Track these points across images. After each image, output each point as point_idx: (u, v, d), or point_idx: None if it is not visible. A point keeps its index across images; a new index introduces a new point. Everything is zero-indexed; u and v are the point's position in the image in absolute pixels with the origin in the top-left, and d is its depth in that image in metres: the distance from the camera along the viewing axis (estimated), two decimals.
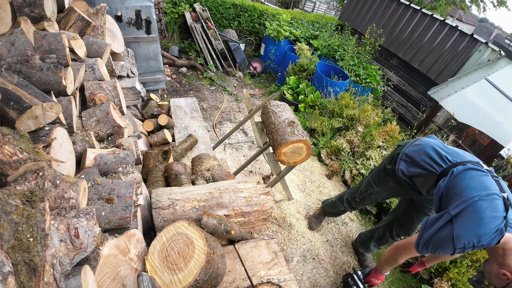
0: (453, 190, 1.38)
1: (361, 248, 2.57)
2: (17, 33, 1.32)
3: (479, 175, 1.37)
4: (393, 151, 1.97)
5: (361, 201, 2.25)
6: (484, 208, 1.23)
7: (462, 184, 1.35)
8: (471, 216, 1.24)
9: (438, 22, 4.69)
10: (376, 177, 2.05)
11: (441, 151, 1.60)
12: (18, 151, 1.00)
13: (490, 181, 1.34)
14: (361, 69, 5.06)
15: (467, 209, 1.25)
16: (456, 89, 3.90)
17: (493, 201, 1.25)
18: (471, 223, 1.23)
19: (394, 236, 2.21)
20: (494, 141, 3.39)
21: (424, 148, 1.67)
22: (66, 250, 0.97)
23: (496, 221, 1.20)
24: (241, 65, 5.44)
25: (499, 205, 1.24)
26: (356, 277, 2.19)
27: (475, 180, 1.34)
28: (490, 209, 1.23)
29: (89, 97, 1.81)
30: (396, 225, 2.17)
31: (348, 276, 2.25)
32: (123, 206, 1.27)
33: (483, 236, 1.20)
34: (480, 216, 1.22)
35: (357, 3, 6.01)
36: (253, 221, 1.86)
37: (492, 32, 31.79)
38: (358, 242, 2.60)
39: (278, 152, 2.11)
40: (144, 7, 2.93)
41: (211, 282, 1.36)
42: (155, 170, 2.17)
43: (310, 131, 4.11)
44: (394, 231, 2.19)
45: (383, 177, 1.97)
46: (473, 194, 1.28)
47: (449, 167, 1.50)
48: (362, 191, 2.19)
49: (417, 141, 1.78)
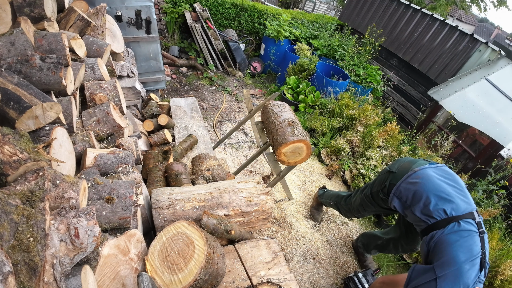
0: (442, 247, 1.47)
1: (362, 249, 2.57)
2: (17, 33, 1.32)
3: (468, 236, 1.44)
4: (384, 176, 1.87)
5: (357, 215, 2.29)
6: (465, 272, 1.35)
7: (453, 246, 1.44)
8: (454, 279, 1.36)
9: (438, 22, 4.69)
10: (370, 198, 2.01)
11: (439, 201, 1.55)
12: (18, 151, 1.00)
13: (475, 243, 1.43)
14: (361, 69, 5.06)
15: (452, 272, 1.37)
16: (456, 89, 3.90)
17: (473, 265, 1.37)
18: (452, 284, 1.35)
19: (399, 251, 2.20)
20: (494, 141, 3.39)
21: (421, 193, 1.61)
22: (66, 250, 0.97)
23: (470, 283, 1.34)
24: (241, 65, 5.44)
25: (477, 266, 1.38)
26: (357, 280, 2.17)
27: (464, 244, 1.43)
28: (469, 273, 1.36)
29: (89, 97, 1.81)
30: (403, 241, 2.13)
31: (349, 279, 2.22)
32: (123, 206, 1.27)
33: None
34: (461, 281, 1.35)
35: (357, 3, 6.01)
36: (253, 221, 1.86)
37: (492, 32, 31.79)
38: (360, 242, 2.59)
39: (278, 152, 2.11)
40: (144, 7, 2.92)
41: (211, 282, 1.36)
42: (155, 170, 2.17)
43: (310, 131, 4.11)
44: (400, 248, 2.16)
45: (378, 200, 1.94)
46: (460, 259, 1.38)
47: (443, 220, 1.52)
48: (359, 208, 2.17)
49: (414, 177, 1.68)
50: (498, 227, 2.87)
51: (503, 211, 2.93)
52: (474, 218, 1.49)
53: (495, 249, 2.56)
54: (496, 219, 2.95)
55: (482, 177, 3.29)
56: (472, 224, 1.48)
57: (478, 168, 3.37)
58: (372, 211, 2.13)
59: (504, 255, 2.53)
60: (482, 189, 3.12)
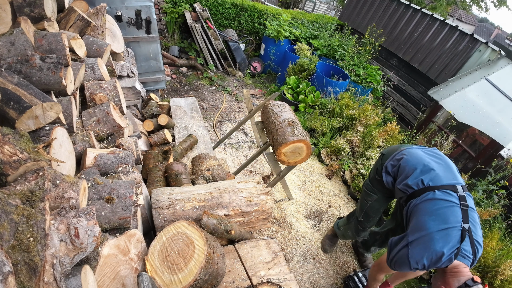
0: (416, 216, 1.52)
1: (362, 248, 2.57)
2: (17, 33, 1.32)
3: (444, 206, 1.46)
4: (377, 161, 1.98)
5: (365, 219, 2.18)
6: (436, 240, 1.38)
7: (425, 213, 1.48)
8: (423, 245, 1.40)
9: (438, 22, 4.69)
10: (370, 186, 2.05)
11: (419, 172, 1.60)
12: (18, 151, 1.00)
13: (452, 213, 1.43)
14: (361, 69, 5.06)
15: (422, 238, 1.42)
16: (456, 89, 3.90)
17: (447, 234, 1.38)
18: (423, 251, 1.40)
19: None
20: (494, 141, 3.39)
21: (404, 166, 1.69)
22: (66, 250, 0.97)
23: (445, 251, 1.35)
24: (241, 65, 5.44)
25: (455, 236, 1.37)
26: (357, 279, 2.18)
27: (438, 212, 1.45)
28: (442, 241, 1.37)
29: (89, 97, 1.81)
30: (400, 230, 2.13)
31: (349, 278, 2.24)
32: (123, 206, 1.27)
33: (432, 262, 1.38)
34: (431, 247, 1.38)
35: (357, 3, 6.01)
36: (253, 221, 1.86)
37: (492, 32, 31.78)
38: (359, 242, 2.59)
39: (278, 152, 2.11)
40: (144, 7, 2.93)
41: (211, 282, 1.36)
42: (155, 170, 2.17)
43: (310, 131, 4.11)
44: None
45: (377, 184, 1.99)
46: (431, 226, 1.42)
47: (420, 190, 1.56)
48: (363, 205, 2.15)
49: (401, 154, 1.78)
50: (498, 227, 2.87)
51: (503, 211, 2.92)
52: (456, 191, 1.49)
53: (495, 249, 2.56)
54: (496, 219, 2.95)
55: (482, 177, 3.29)
56: (452, 195, 1.48)
57: (478, 168, 3.37)
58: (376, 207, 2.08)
59: (504, 255, 2.53)
60: (482, 189, 3.12)
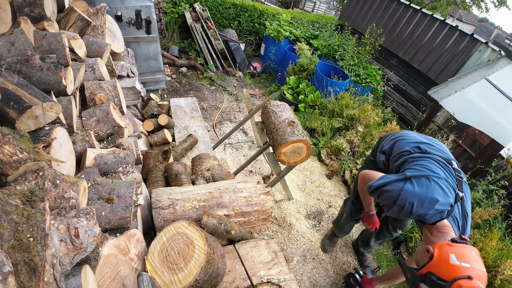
0: (413, 161, 1.47)
1: (362, 247, 2.57)
2: (17, 33, 1.32)
3: (442, 166, 1.42)
4: (376, 143, 2.01)
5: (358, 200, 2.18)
6: (436, 187, 1.30)
7: (426, 161, 1.43)
8: (423, 185, 1.31)
9: (438, 22, 4.69)
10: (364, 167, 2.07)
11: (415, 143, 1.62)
12: (18, 151, 1.00)
13: (450, 176, 1.39)
14: (361, 69, 5.06)
15: (422, 178, 1.33)
16: (456, 89, 3.89)
17: (446, 187, 1.31)
18: (419, 190, 1.29)
19: (390, 230, 2.20)
20: (494, 141, 3.39)
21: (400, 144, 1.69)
22: (66, 250, 0.97)
23: (440, 200, 1.27)
24: (241, 65, 5.44)
25: (452, 194, 1.32)
26: (358, 277, 2.18)
27: (435, 168, 1.39)
28: (441, 190, 1.29)
29: (89, 97, 1.81)
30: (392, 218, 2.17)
31: (350, 276, 2.24)
32: (123, 206, 1.27)
33: (421, 207, 1.28)
34: (430, 190, 1.28)
35: (357, 3, 6.01)
36: (253, 221, 1.86)
37: (492, 32, 31.77)
38: (360, 241, 2.60)
39: (278, 152, 2.11)
40: (144, 7, 2.93)
41: (211, 282, 1.36)
42: (155, 170, 2.17)
43: (310, 131, 4.11)
44: (390, 225, 2.19)
45: (371, 165, 2.00)
46: (432, 171, 1.34)
47: (417, 153, 1.54)
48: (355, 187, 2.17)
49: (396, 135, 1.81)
50: (498, 227, 2.87)
51: (503, 211, 2.92)
52: (451, 164, 1.47)
53: (495, 249, 2.56)
54: (496, 219, 2.95)
55: (482, 177, 3.29)
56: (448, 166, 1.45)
57: (478, 168, 3.37)
58: None
59: (504, 255, 2.53)
60: (482, 189, 3.11)
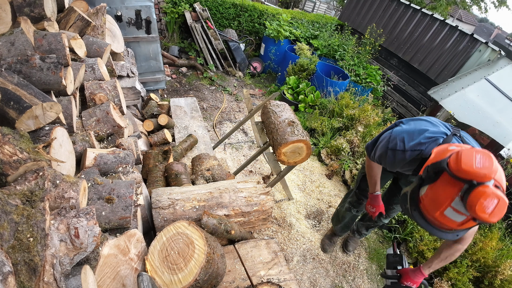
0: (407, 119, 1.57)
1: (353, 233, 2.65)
2: (17, 33, 1.32)
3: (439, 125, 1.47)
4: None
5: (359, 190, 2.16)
6: (425, 122, 1.41)
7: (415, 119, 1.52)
8: (411, 123, 1.45)
9: (438, 22, 4.69)
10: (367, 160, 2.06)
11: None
12: (18, 151, 1.00)
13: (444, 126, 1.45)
14: (361, 69, 5.06)
15: (411, 121, 1.48)
16: (456, 89, 3.89)
17: (436, 123, 1.41)
18: (408, 126, 1.43)
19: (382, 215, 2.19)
20: (494, 141, 3.39)
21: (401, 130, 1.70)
22: (66, 250, 0.97)
23: (431, 130, 1.35)
24: (241, 65, 5.44)
25: (444, 128, 1.39)
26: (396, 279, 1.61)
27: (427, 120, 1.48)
28: (430, 124, 1.40)
29: (89, 97, 1.81)
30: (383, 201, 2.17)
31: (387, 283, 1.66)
32: (123, 206, 1.27)
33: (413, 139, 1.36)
34: (418, 124, 1.41)
35: (357, 3, 6.01)
36: (253, 221, 1.86)
37: (492, 32, 31.76)
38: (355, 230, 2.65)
39: (278, 152, 2.11)
40: (144, 7, 2.92)
41: (211, 282, 1.36)
42: (155, 170, 2.17)
43: (310, 131, 4.11)
44: None
45: None
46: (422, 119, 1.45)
47: None
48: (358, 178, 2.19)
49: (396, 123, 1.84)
50: (498, 227, 2.87)
51: None
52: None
53: (495, 249, 2.56)
54: None
55: None
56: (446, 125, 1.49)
57: None
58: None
59: (504, 255, 2.53)
60: None
